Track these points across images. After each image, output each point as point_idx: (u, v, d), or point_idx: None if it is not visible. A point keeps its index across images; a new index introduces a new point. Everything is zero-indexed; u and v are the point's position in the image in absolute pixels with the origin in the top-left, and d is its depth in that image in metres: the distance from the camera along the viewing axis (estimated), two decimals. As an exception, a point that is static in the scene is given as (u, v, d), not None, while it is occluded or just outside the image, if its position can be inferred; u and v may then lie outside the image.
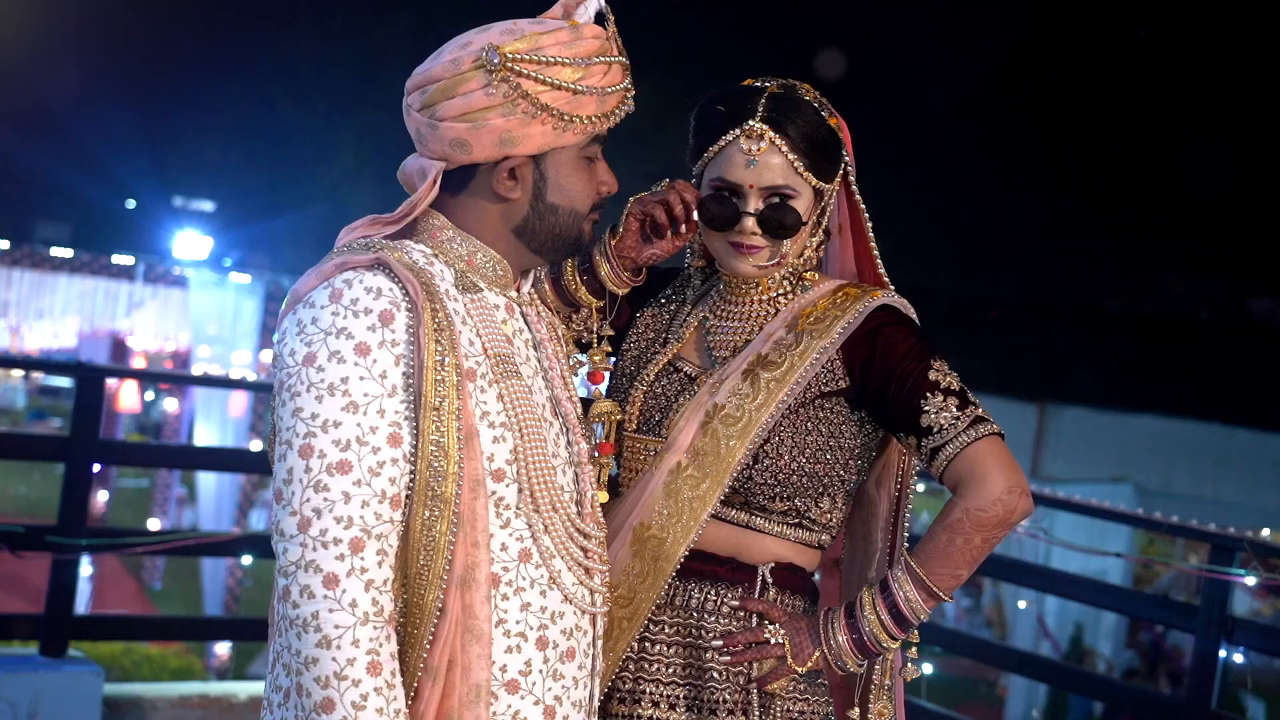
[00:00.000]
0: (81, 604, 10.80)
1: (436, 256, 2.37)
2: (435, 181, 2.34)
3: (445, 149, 2.32)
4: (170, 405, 17.04)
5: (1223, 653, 4.63)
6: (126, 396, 15.39)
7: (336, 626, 2.12)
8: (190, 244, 18.83)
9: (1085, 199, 24.76)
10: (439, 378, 2.21)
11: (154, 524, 15.15)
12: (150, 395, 17.99)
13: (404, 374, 2.21)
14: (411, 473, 2.21)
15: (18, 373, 20.18)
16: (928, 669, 5.59)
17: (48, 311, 14.44)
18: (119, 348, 15.85)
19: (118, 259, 15.22)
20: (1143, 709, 5.67)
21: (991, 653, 6.42)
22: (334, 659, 2.11)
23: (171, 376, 13.90)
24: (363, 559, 2.15)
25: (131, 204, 26.91)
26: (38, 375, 20.28)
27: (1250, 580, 4.57)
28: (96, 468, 11.37)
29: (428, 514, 2.21)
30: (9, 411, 21.46)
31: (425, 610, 2.22)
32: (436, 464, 2.21)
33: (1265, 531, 5.06)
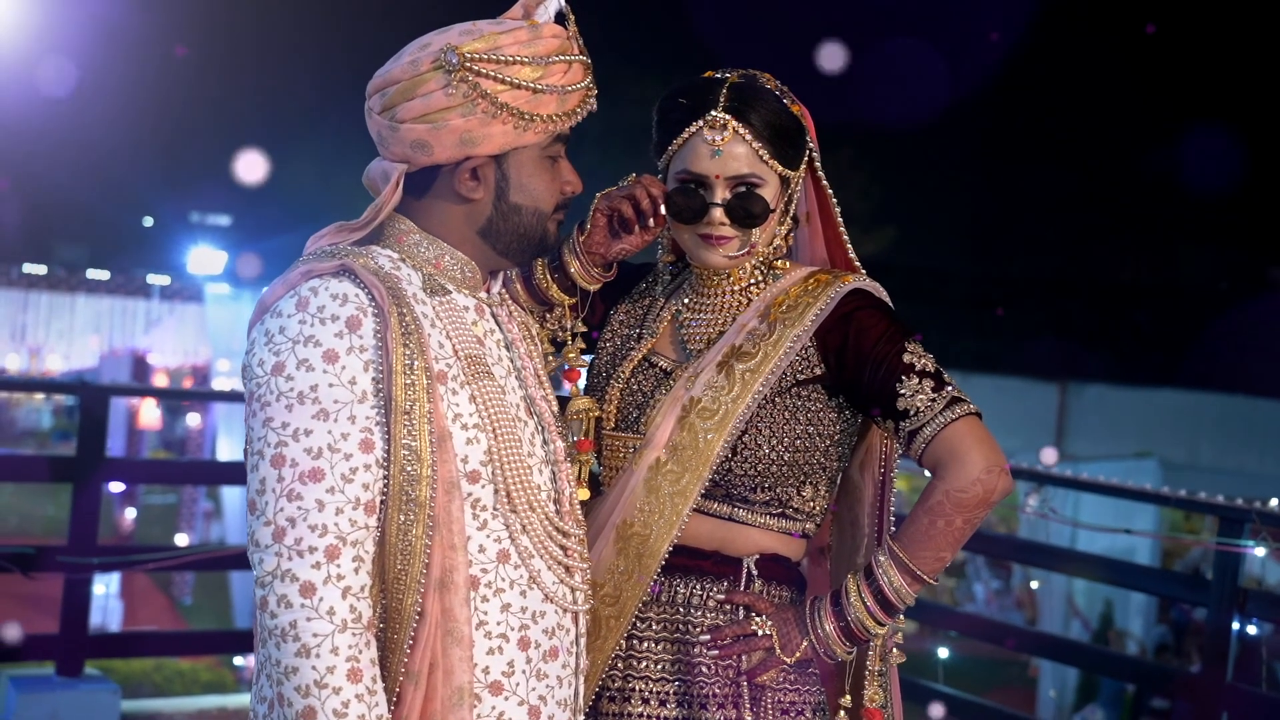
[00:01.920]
0: (114, 622, 10.90)
1: (404, 261, 2.37)
2: (398, 184, 2.34)
3: (406, 151, 2.32)
4: (193, 420, 17.10)
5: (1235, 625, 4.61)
6: (147, 414, 15.45)
7: (315, 635, 2.12)
8: (205, 259, 18.87)
9: (1098, 174, 24.67)
10: (408, 381, 2.21)
11: (181, 539, 15.19)
12: (158, 412, 18.01)
13: (373, 379, 2.21)
14: (385, 478, 2.21)
15: (40, 394, 20.28)
16: (943, 653, 5.57)
17: (66, 332, 14.53)
18: (140, 365, 15.90)
19: (134, 277, 15.30)
20: (1159, 684, 5.64)
21: (1008, 633, 6.38)
22: (313, 667, 2.11)
23: (175, 393, 13.92)
24: (339, 566, 2.15)
25: (149, 221, 26.99)
26: (61, 396, 20.35)
27: (1260, 551, 4.55)
28: (121, 487, 11.35)
29: (403, 518, 2.21)
30: (36, 433, 21.52)
31: (404, 615, 2.22)
32: (410, 468, 2.21)
33: (1274, 501, 5.02)
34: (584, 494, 2.56)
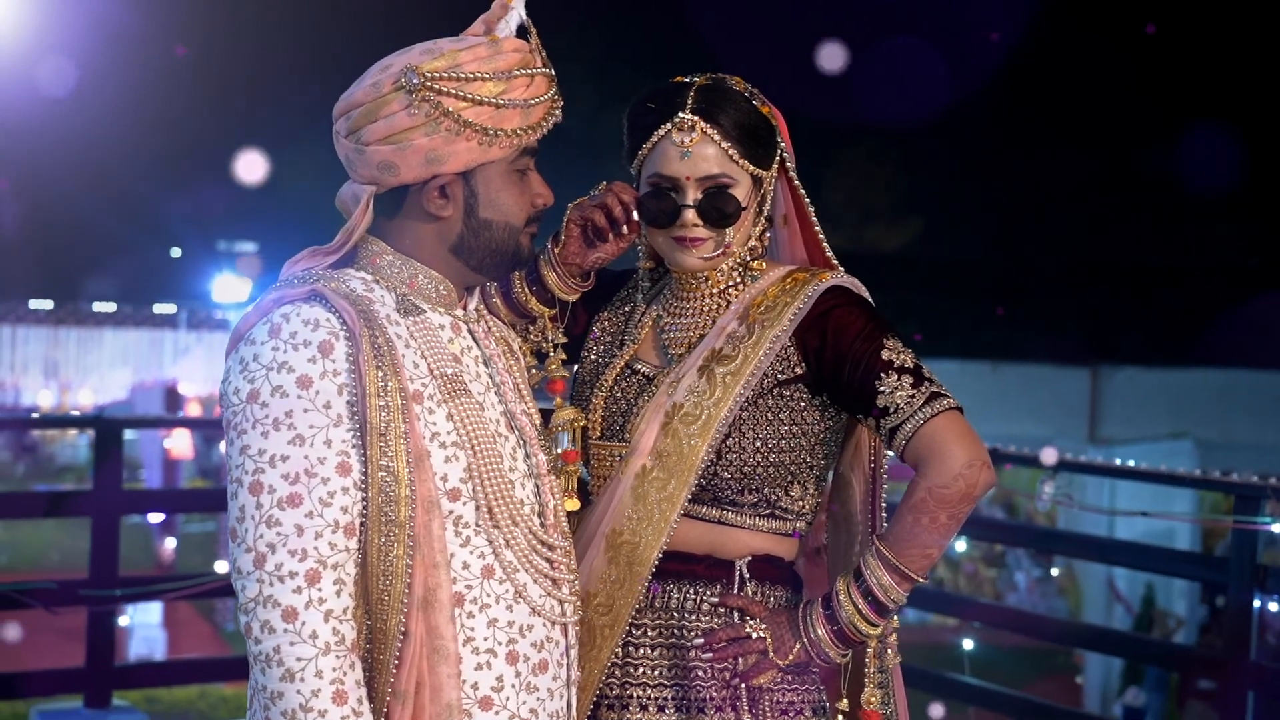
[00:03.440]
0: (158, 651, 10.99)
1: (377, 282, 2.38)
2: (367, 206, 2.35)
3: (374, 172, 2.33)
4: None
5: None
6: (179, 444, 15.51)
7: (298, 659, 2.13)
8: (230, 287, 18.94)
9: (1118, 154, 24.54)
10: (382, 403, 2.22)
11: (221, 566, 15.24)
12: (190, 441, 18.05)
13: (348, 402, 2.22)
14: (364, 500, 2.22)
15: (75, 430, 20.42)
16: (968, 645, 5.55)
17: (96, 367, 14.60)
18: (172, 396, 15.98)
19: (160, 309, 15.37)
20: (1186, 665, 5.61)
21: (1032, 624, 6.36)
22: (299, 691, 2.13)
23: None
24: (320, 590, 2.16)
25: (177, 252, 27.09)
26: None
27: (1278, 528, 4.51)
28: (160, 517, 11.32)
29: (382, 539, 2.22)
30: (73, 468, 21.64)
31: (389, 635, 2.23)
32: (388, 489, 2.22)
33: (1290, 477, 4.98)
34: (573, 504, 2.56)
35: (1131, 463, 5.24)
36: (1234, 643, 4.58)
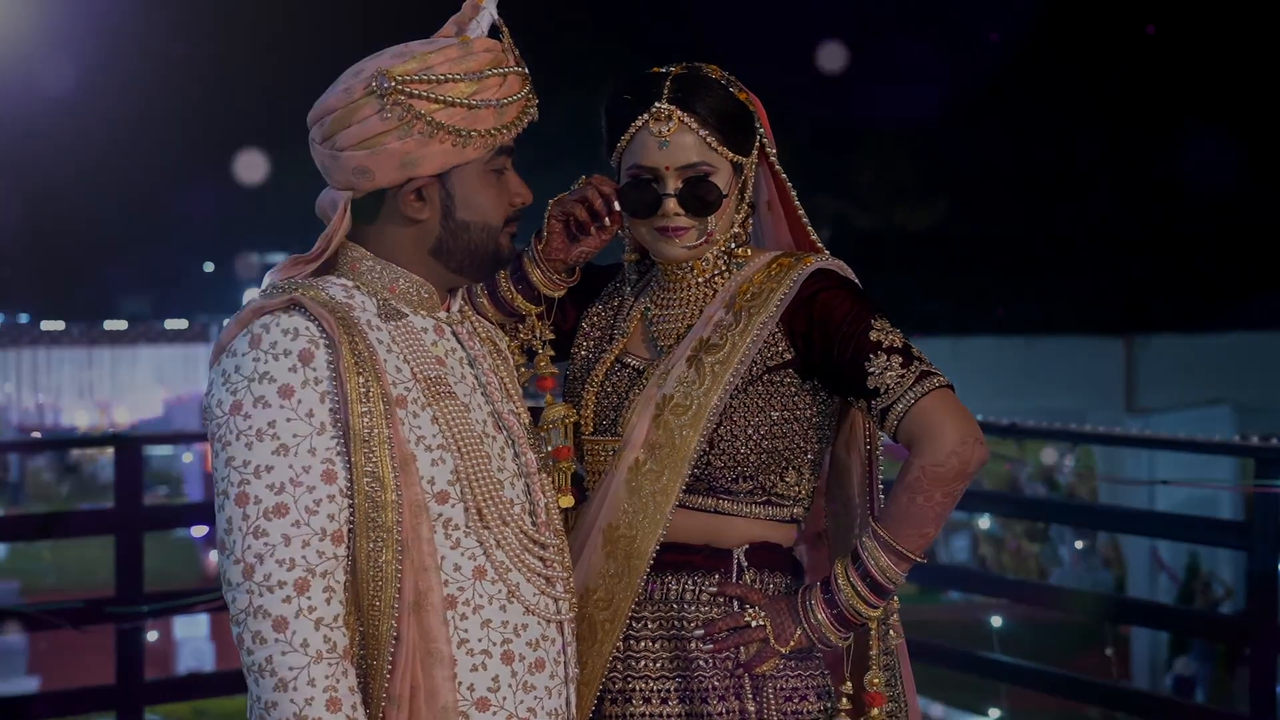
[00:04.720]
0: (207, 663, 11.10)
1: (358, 288, 2.37)
2: (345, 211, 2.35)
3: (349, 178, 2.33)
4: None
5: None
6: (215, 457, 15.56)
7: (290, 668, 2.14)
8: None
9: (1148, 123, 24.42)
10: (365, 409, 2.22)
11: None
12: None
13: (330, 410, 2.22)
14: (350, 506, 2.22)
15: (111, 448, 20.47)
16: (996, 622, 5.52)
17: (131, 385, 14.67)
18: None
19: (193, 324, 15.49)
20: (1215, 632, 5.57)
21: (1063, 599, 6.33)
22: (292, 700, 2.13)
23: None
24: (309, 598, 2.16)
25: (209, 267, 27.24)
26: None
27: (1302, 491, 4.47)
28: (204, 530, 11.37)
29: (370, 545, 2.22)
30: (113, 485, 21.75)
31: (381, 640, 2.23)
32: (374, 495, 2.22)
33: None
34: (567, 501, 2.56)
35: (1149, 431, 5.19)
36: (1259, 607, 4.54)
